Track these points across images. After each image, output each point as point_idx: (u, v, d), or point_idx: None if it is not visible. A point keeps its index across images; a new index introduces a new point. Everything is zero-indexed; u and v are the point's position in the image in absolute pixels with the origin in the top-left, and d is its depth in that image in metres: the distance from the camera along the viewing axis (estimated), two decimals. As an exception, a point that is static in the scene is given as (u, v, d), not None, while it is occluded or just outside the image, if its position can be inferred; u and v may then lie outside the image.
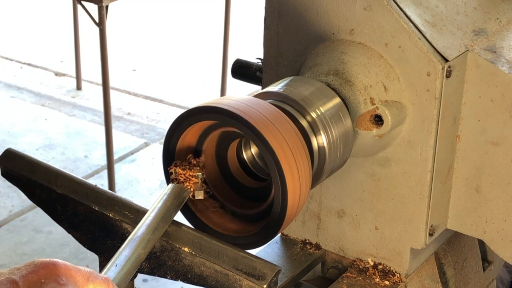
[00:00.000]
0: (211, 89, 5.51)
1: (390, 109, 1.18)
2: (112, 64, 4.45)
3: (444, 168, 1.25)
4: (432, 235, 1.27)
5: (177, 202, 1.01)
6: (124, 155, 4.87)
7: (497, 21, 1.32)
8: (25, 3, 7.27)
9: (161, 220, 0.97)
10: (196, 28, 6.80)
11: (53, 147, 4.95)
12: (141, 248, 0.93)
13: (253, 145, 1.16)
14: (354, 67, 1.20)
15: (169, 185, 1.03)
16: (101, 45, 3.93)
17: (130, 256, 0.92)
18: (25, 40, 6.58)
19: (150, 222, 0.96)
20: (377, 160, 1.25)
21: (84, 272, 0.80)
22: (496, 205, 1.26)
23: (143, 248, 0.94)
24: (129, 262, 0.91)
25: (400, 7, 1.18)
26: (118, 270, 0.90)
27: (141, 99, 5.66)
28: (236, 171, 1.16)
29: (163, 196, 1.00)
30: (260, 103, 1.07)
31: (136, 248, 0.93)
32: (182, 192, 1.03)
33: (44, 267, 0.77)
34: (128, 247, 0.92)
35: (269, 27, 1.30)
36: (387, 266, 1.31)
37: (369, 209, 1.29)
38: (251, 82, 1.61)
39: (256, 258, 0.99)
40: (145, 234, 0.95)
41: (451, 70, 1.17)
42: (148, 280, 3.74)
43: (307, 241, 1.39)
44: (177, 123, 1.06)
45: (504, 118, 1.21)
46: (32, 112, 5.42)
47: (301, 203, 1.06)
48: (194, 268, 1.00)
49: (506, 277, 2.39)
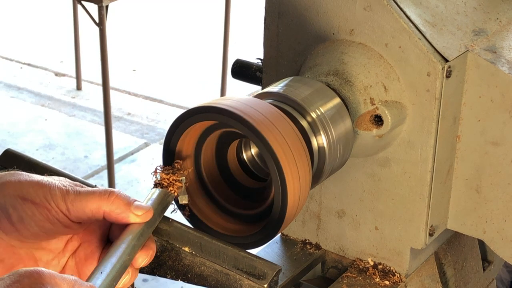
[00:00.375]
0: (211, 89, 5.51)
1: (390, 109, 1.18)
2: (112, 64, 4.45)
3: (444, 168, 1.25)
4: (432, 235, 1.27)
5: (161, 207, 1.01)
6: (124, 155, 4.87)
7: (497, 21, 1.32)
8: (25, 3, 7.27)
9: (146, 226, 0.97)
10: (196, 28, 6.80)
11: (53, 147, 4.96)
12: (126, 254, 0.93)
13: (253, 145, 1.16)
14: (354, 67, 1.20)
15: (153, 189, 1.03)
16: (101, 45, 3.93)
17: (115, 263, 0.91)
18: (25, 40, 6.59)
19: (135, 228, 0.96)
20: (377, 160, 1.25)
21: (69, 280, 0.80)
22: (496, 205, 1.26)
23: (128, 254, 0.93)
24: (114, 269, 0.91)
25: (400, 7, 1.18)
26: (103, 277, 0.89)
27: (141, 99, 5.66)
28: (236, 171, 1.16)
29: (147, 201, 1.00)
30: (260, 103, 1.07)
31: (122, 255, 0.92)
32: (166, 196, 1.02)
33: (28, 276, 0.76)
34: (114, 254, 0.92)
35: (269, 27, 1.30)
36: (387, 266, 1.31)
37: (369, 209, 1.29)
38: (251, 82, 1.61)
39: (257, 258, 0.99)
40: (130, 240, 0.94)
41: (451, 70, 1.18)
42: (148, 280, 3.74)
43: (307, 241, 1.39)
44: (177, 123, 1.06)
45: (504, 118, 1.21)
46: (32, 112, 5.42)
47: (301, 203, 1.06)
48: (195, 268, 1.00)
49: (506, 277, 2.39)
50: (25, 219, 0.92)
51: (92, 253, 0.99)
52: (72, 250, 0.99)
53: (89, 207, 0.94)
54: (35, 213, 0.92)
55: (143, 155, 4.90)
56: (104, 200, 0.94)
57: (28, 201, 0.92)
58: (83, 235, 0.99)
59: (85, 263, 0.99)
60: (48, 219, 0.93)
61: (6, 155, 1.15)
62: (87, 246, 0.99)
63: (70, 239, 0.99)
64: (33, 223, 0.92)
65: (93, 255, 0.99)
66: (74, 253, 0.99)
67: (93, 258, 0.99)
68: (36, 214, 0.92)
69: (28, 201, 0.92)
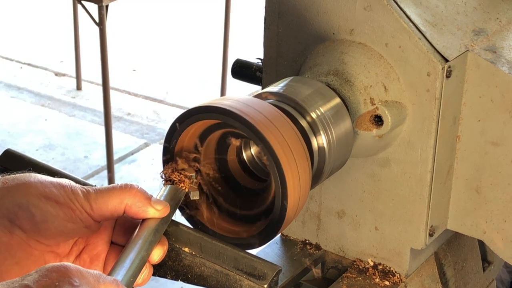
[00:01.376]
0: (211, 89, 5.51)
1: (390, 109, 1.18)
2: (112, 64, 4.45)
3: (444, 169, 1.25)
4: (432, 235, 1.27)
5: (173, 203, 1.01)
6: (124, 155, 4.87)
7: (497, 21, 1.32)
8: (25, 3, 7.27)
9: (161, 222, 0.98)
10: (196, 28, 6.80)
11: (53, 148, 4.96)
12: (144, 250, 0.95)
13: (252, 146, 1.16)
14: (354, 67, 1.20)
15: (164, 186, 1.04)
16: (101, 45, 3.93)
17: (134, 259, 0.93)
18: (25, 40, 6.59)
19: (151, 224, 0.97)
20: (377, 160, 1.25)
21: (94, 274, 0.81)
22: (496, 205, 1.26)
23: (146, 250, 0.95)
24: (134, 264, 0.93)
25: (400, 7, 1.18)
26: (124, 272, 0.91)
27: (141, 99, 5.66)
28: (236, 171, 1.16)
29: (160, 197, 1.01)
30: (260, 103, 1.07)
31: (140, 250, 0.94)
32: (178, 193, 1.03)
33: (55, 271, 0.78)
34: (133, 250, 0.94)
35: (269, 27, 1.30)
36: (387, 266, 1.31)
37: (369, 210, 1.29)
38: (251, 82, 1.61)
39: (257, 258, 0.99)
40: (146, 236, 0.96)
41: (451, 70, 1.17)
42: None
43: (307, 241, 1.39)
44: (177, 123, 1.06)
45: (504, 118, 1.21)
46: (32, 112, 5.42)
47: (301, 204, 1.06)
48: (195, 268, 1.00)
49: (506, 277, 2.39)
50: (48, 219, 0.92)
51: (97, 256, 1.00)
52: (76, 254, 1.00)
53: (111, 202, 0.95)
54: (59, 213, 0.93)
55: (143, 155, 4.90)
56: (126, 193, 0.95)
57: (52, 201, 0.93)
58: (87, 238, 1.00)
59: (90, 266, 0.99)
60: (71, 219, 0.94)
61: (6, 155, 1.15)
62: (92, 248, 1.00)
63: (75, 243, 1.00)
64: (57, 222, 0.93)
65: (98, 257, 1.00)
66: (78, 256, 1.00)
67: (98, 260, 1.00)
68: (60, 214, 0.93)
69: (52, 201, 0.93)
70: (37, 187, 0.94)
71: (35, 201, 0.92)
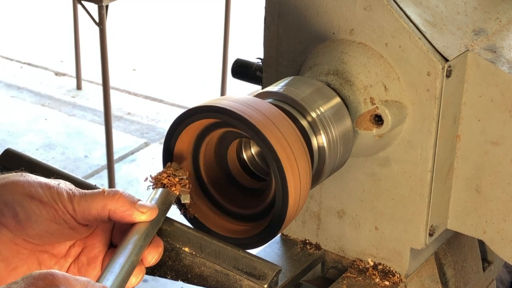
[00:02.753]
0: (211, 89, 5.51)
1: (390, 109, 1.18)
2: (112, 64, 4.45)
3: (444, 168, 1.25)
4: (432, 235, 1.27)
5: (164, 207, 1.01)
6: (124, 155, 4.87)
7: (497, 21, 1.32)
8: (25, 3, 7.27)
9: (151, 226, 0.98)
10: (196, 28, 6.80)
11: (53, 147, 4.96)
12: (134, 255, 0.94)
13: (253, 145, 1.16)
14: (354, 67, 1.20)
15: (155, 189, 1.03)
16: (101, 45, 3.93)
17: (124, 264, 0.92)
18: (25, 40, 6.59)
19: (141, 228, 0.96)
20: (377, 160, 1.25)
21: (82, 281, 0.81)
22: (496, 205, 1.26)
23: (136, 255, 0.94)
24: (123, 269, 0.92)
25: (400, 6, 1.18)
26: (113, 278, 0.90)
27: (141, 99, 5.66)
28: (236, 171, 1.16)
29: (150, 200, 1.00)
30: (260, 103, 1.07)
31: (130, 255, 0.93)
32: (169, 196, 1.03)
33: (42, 279, 0.77)
34: (122, 255, 0.93)
35: (269, 27, 1.30)
36: (387, 266, 1.31)
37: (369, 209, 1.29)
38: (251, 82, 1.61)
39: (257, 258, 0.98)
40: (137, 240, 0.95)
41: (451, 70, 1.18)
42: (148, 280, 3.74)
43: (307, 241, 1.39)
44: (177, 123, 1.06)
45: (504, 118, 1.21)
46: (32, 112, 5.42)
47: (302, 203, 1.06)
48: (195, 268, 1.00)
49: (506, 277, 2.39)
50: (31, 217, 0.93)
51: (95, 258, 1.00)
52: (74, 256, 1.00)
53: (94, 206, 0.95)
54: (42, 212, 0.93)
55: (143, 154, 4.90)
56: (109, 199, 0.95)
57: (36, 200, 0.93)
58: (85, 240, 1.00)
59: (87, 268, 0.99)
60: (54, 219, 0.94)
61: (6, 155, 1.15)
62: (90, 251, 1.00)
63: (72, 245, 1.00)
64: (40, 222, 0.93)
65: (96, 260, 1.00)
66: (76, 258, 1.00)
67: (95, 263, 1.00)
68: (43, 213, 0.93)
69: (36, 200, 0.93)
70: (23, 186, 0.94)
71: (20, 200, 0.93)
